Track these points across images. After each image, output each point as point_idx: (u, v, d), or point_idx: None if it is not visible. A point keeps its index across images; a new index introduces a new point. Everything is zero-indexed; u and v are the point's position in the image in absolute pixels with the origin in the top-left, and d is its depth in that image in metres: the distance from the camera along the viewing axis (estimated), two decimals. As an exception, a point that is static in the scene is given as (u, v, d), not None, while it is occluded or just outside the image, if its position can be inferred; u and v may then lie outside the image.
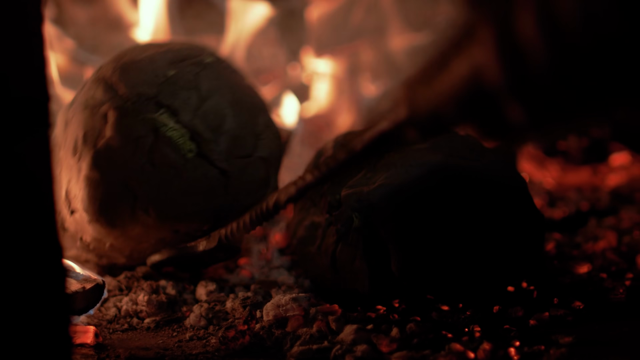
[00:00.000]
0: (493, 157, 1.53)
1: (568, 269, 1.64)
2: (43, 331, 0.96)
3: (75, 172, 1.47)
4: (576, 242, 1.86)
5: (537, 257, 1.51)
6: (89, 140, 1.45)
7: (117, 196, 1.45)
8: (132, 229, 1.48)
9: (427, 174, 1.45)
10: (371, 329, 1.32)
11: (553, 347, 1.26)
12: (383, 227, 1.43)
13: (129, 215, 1.46)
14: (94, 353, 1.32)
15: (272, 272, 1.66)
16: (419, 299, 1.44)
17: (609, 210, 2.09)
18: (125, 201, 1.45)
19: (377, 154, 1.21)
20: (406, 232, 1.42)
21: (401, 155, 1.50)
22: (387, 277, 1.43)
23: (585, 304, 1.45)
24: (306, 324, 1.35)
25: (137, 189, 1.44)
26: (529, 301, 1.46)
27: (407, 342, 1.29)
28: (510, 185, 1.49)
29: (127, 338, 1.40)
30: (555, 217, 2.08)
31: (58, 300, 0.98)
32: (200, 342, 1.36)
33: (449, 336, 1.31)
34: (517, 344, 1.27)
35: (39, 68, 0.95)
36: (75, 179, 1.47)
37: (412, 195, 1.43)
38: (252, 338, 1.32)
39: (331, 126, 2.45)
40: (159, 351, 1.32)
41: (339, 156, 1.21)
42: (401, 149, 1.51)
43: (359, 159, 1.19)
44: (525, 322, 1.38)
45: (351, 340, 1.29)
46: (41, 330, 0.95)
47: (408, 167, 1.47)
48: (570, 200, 2.22)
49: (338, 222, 1.49)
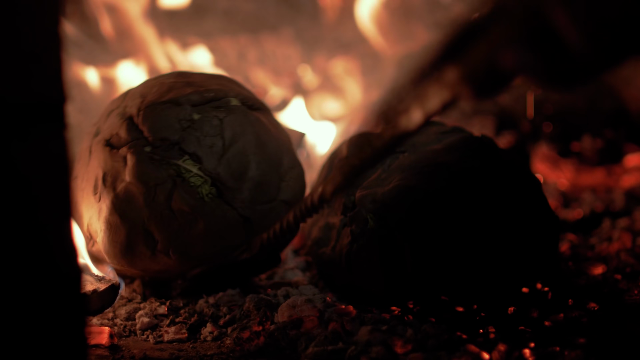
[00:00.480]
0: (508, 157, 1.52)
1: (583, 270, 1.64)
2: (58, 332, 0.96)
3: (96, 211, 1.47)
4: (590, 243, 1.86)
5: (551, 259, 1.51)
6: (109, 182, 1.45)
7: (138, 240, 1.45)
8: (153, 267, 1.49)
9: (443, 175, 1.45)
10: (386, 330, 1.32)
11: (568, 348, 1.26)
12: (398, 229, 1.43)
13: (150, 256, 1.46)
14: (108, 354, 1.32)
15: (287, 273, 1.66)
16: (434, 300, 1.44)
17: (624, 211, 2.09)
18: (146, 244, 1.45)
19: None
20: (421, 234, 1.42)
21: (416, 157, 1.50)
22: (402, 278, 1.43)
23: (600, 306, 1.45)
24: (321, 325, 1.35)
25: (157, 233, 1.44)
26: (543, 302, 1.46)
27: (422, 343, 1.29)
28: (525, 186, 1.48)
29: (142, 339, 1.40)
30: (569, 218, 2.08)
31: (73, 301, 0.98)
32: (215, 343, 1.37)
33: (464, 337, 1.31)
34: (532, 345, 1.27)
35: (55, 69, 0.95)
36: (96, 218, 1.48)
37: (427, 196, 1.43)
38: (266, 339, 1.32)
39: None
40: (173, 352, 1.33)
41: (385, 135, 1.13)
42: (416, 150, 1.51)
43: (409, 134, 1.09)
44: (540, 324, 1.38)
45: (366, 341, 1.28)
46: (56, 331, 0.96)
47: (423, 167, 1.47)
48: (584, 202, 2.21)
49: (353, 223, 1.49)
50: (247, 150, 1.46)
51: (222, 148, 1.44)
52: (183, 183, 1.42)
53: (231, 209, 1.44)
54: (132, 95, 1.52)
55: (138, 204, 1.43)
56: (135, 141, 1.44)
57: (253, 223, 1.46)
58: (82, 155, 1.54)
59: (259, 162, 1.47)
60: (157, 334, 1.40)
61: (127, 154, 1.43)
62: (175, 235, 1.43)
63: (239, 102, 1.50)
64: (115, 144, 1.46)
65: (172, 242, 1.44)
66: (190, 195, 1.42)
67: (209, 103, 1.48)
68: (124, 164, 1.44)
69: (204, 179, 1.43)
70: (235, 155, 1.45)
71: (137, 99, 1.50)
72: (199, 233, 1.43)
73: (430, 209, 1.42)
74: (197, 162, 1.43)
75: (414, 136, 1.48)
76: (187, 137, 1.43)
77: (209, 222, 1.43)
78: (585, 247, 1.83)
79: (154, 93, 1.49)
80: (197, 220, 1.42)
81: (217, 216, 1.43)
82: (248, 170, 1.45)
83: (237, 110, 1.49)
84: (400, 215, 1.43)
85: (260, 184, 1.46)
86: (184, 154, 1.43)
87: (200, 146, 1.43)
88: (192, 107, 1.46)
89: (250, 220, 1.45)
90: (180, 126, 1.44)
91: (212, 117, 1.46)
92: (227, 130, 1.46)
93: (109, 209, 1.44)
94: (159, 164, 1.42)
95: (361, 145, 1.37)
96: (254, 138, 1.47)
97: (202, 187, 1.43)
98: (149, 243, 1.44)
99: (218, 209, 1.43)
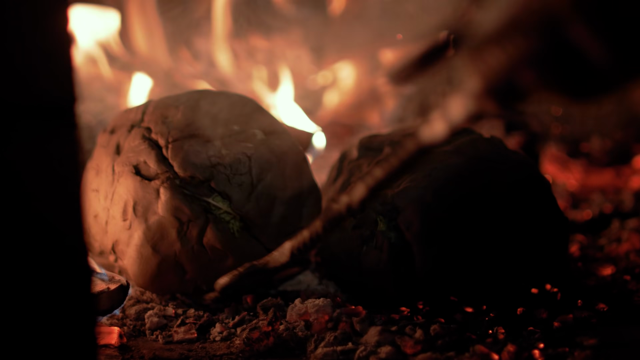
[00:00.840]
0: (516, 158, 1.52)
1: (592, 271, 1.64)
2: (68, 332, 0.96)
3: (125, 236, 1.49)
4: (600, 244, 1.85)
5: (560, 259, 1.51)
6: (140, 212, 1.47)
7: (168, 270, 1.48)
8: (179, 291, 1.53)
9: (453, 177, 1.45)
10: (395, 330, 1.32)
11: (577, 349, 1.26)
12: (408, 230, 1.43)
13: (178, 284, 1.50)
14: (118, 354, 1.32)
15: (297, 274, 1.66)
16: (443, 301, 1.44)
17: (633, 212, 2.08)
18: (175, 274, 1.49)
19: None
20: (431, 235, 1.42)
21: (425, 158, 1.50)
22: (411, 279, 1.43)
23: (609, 306, 1.44)
24: (330, 325, 1.35)
25: (187, 265, 1.48)
26: (553, 303, 1.46)
27: (431, 344, 1.29)
28: (534, 187, 1.48)
29: (151, 339, 1.40)
30: (578, 219, 2.07)
31: (83, 301, 0.98)
32: (225, 344, 1.37)
33: (473, 338, 1.31)
34: (541, 346, 1.26)
35: (66, 68, 0.95)
36: (124, 242, 1.50)
37: (437, 198, 1.43)
38: (276, 339, 1.32)
39: (355, 128, 2.45)
40: (182, 352, 1.33)
41: (410, 146, 1.11)
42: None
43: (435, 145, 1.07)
44: (549, 324, 1.37)
45: (375, 342, 1.29)
46: (66, 331, 0.96)
47: (432, 170, 1.47)
48: (593, 202, 2.21)
49: (362, 224, 1.49)
50: (274, 186, 1.49)
51: (251, 186, 1.47)
52: (215, 220, 1.45)
53: (258, 243, 1.48)
54: (154, 115, 1.54)
55: (170, 238, 1.46)
56: (166, 173, 1.46)
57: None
58: (102, 169, 1.55)
59: (284, 197, 1.50)
60: (166, 334, 1.40)
61: (159, 187, 1.46)
62: (205, 269, 1.47)
63: (263, 134, 1.52)
64: (144, 174, 1.49)
65: (201, 274, 1.48)
66: (222, 232, 1.45)
67: (235, 136, 1.50)
68: (157, 196, 1.46)
69: (232, 215, 1.46)
70: (263, 193, 1.48)
71: (161, 124, 1.51)
72: (228, 267, 1.46)
73: (440, 210, 1.43)
74: (226, 199, 1.46)
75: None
76: (216, 175, 1.46)
77: (238, 258, 1.46)
78: (594, 247, 1.83)
79: (181, 122, 1.51)
80: (227, 255, 1.47)
81: (246, 252, 1.47)
82: (274, 206, 1.49)
83: (263, 145, 1.51)
84: (410, 217, 1.43)
85: (285, 217, 1.50)
86: (214, 191, 1.46)
87: (229, 185, 1.46)
88: (220, 142, 1.48)
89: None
90: (210, 163, 1.46)
91: (240, 153, 1.48)
92: (254, 167, 1.48)
93: (141, 240, 1.47)
94: (191, 199, 1.45)
95: (385, 155, 1.36)
96: (280, 173, 1.51)
97: (232, 223, 1.46)
98: (178, 273, 1.48)
99: (247, 244, 1.47)
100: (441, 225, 1.42)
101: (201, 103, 1.54)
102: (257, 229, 1.48)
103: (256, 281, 1.53)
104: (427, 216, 1.43)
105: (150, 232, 1.46)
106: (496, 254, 1.41)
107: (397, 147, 1.14)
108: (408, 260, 1.43)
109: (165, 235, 1.46)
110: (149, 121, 1.53)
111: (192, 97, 1.57)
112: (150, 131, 1.51)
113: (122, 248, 1.50)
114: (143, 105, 1.58)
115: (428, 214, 1.43)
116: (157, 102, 1.58)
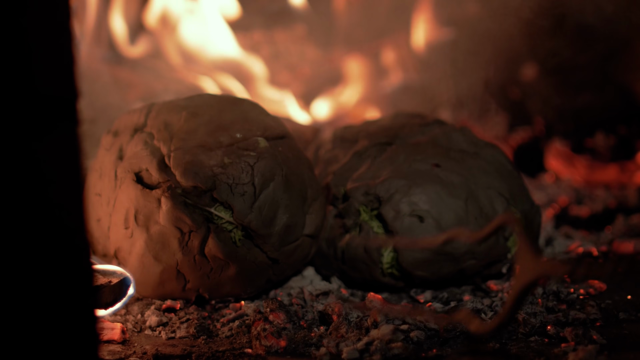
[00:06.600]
0: (489, 149, 1.63)
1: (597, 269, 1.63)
2: (70, 326, 0.96)
3: (127, 245, 1.49)
4: (604, 239, 1.85)
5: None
6: (141, 221, 1.47)
7: (170, 279, 1.48)
8: (180, 297, 1.52)
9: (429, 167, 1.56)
10: (407, 328, 1.34)
11: (581, 344, 1.26)
12: (389, 220, 1.52)
13: (180, 291, 1.50)
14: (121, 349, 1.32)
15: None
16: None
17: (637, 207, 2.08)
18: (177, 282, 1.49)
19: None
20: (412, 225, 1.51)
21: (403, 149, 1.60)
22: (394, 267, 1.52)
23: (613, 302, 1.44)
24: (340, 322, 1.35)
25: (188, 274, 1.47)
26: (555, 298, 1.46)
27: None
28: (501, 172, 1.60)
29: (154, 335, 1.40)
30: (582, 214, 2.07)
31: (85, 295, 0.98)
32: (228, 340, 1.37)
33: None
34: (544, 342, 1.27)
35: (67, 64, 0.95)
36: (126, 249, 1.50)
37: (416, 188, 1.53)
38: (282, 336, 1.31)
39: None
40: (185, 347, 1.33)
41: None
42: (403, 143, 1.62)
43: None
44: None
45: (388, 340, 1.28)
46: (68, 326, 0.95)
47: (412, 161, 1.56)
48: (597, 198, 2.21)
49: (344, 214, 1.56)
50: (277, 195, 1.48)
51: (253, 195, 1.46)
52: (217, 229, 1.45)
53: (261, 253, 1.48)
54: (157, 120, 1.54)
55: (172, 248, 1.46)
56: (167, 182, 1.45)
57: (280, 263, 1.50)
58: (104, 172, 1.55)
59: (287, 206, 1.49)
60: (169, 330, 1.40)
61: (161, 197, 1.45)
62: (207, 278, 1.47)
63: (266, 142, 1.50)
64: (146, 182, 1.48)
65: (203, 283, 1.48)
66: (224, 242, 1.45)
67: (238, 144, 1.48)
68: (158, 205, 1.45)
69: (235, 225, 1.45)
70: (266, 202, 1.46)
71: (164, 131, 1.51)
72: (230, 276, 1.47)
73: (420, 201, 1.51)
74: (228, 209, 1.45)
75: (398, 129, 1.65)
76: (219, 184, 1.44)
77: (241, 267, 1.46)
78: (599, 243, 1.82)
79: (184, 131, 1.50)
80: (229, 265, 1.46)
81: (249, 261, 1.47)
82: (277, 216, 1.48)
83: (266, 153, 1.49)
84: (391, 207, 1.51)
85: (288, 226, 1.49)
86: (216, 201, 1.45)
87: (232, 194, 1.45)
88: (222, 150, 1.47)
89: (278, 261, 1.49)
90: (212, 172, 1.44)
91: (242, 162, 1.46)
92: (257, 176, 1.46)
93: (142, 249, 1.47)
94: (192, 209, 1.45)
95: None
96: (283, 181, 1.49)
97: (234, 233, 1.45)
98: (180, 281, 1.48)
99: (249, 254, 1.47)
100: (421, 215, 1.51)
101: (204, 109, 1.53)
102: (260, 238, 1.46)
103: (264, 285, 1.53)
104: (407, 206, 1.52)
105: (152, 242, 1.46)
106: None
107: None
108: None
109: (166, 245, 1.45)
110: (152, 126, 1.52)
111: (195, 102, 1.56)
112: (152, 137, 1.51)
113: (124, 255, 1.50)
114: (146, 108, 1.58)
115: (409, 204, 1.52)
116: (160, 106, 1.57)
